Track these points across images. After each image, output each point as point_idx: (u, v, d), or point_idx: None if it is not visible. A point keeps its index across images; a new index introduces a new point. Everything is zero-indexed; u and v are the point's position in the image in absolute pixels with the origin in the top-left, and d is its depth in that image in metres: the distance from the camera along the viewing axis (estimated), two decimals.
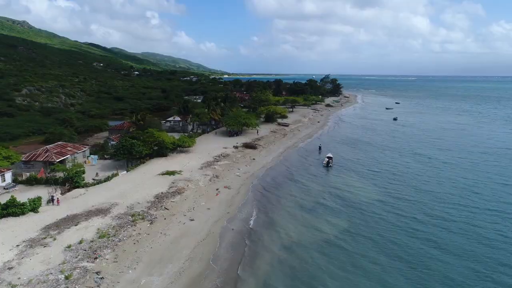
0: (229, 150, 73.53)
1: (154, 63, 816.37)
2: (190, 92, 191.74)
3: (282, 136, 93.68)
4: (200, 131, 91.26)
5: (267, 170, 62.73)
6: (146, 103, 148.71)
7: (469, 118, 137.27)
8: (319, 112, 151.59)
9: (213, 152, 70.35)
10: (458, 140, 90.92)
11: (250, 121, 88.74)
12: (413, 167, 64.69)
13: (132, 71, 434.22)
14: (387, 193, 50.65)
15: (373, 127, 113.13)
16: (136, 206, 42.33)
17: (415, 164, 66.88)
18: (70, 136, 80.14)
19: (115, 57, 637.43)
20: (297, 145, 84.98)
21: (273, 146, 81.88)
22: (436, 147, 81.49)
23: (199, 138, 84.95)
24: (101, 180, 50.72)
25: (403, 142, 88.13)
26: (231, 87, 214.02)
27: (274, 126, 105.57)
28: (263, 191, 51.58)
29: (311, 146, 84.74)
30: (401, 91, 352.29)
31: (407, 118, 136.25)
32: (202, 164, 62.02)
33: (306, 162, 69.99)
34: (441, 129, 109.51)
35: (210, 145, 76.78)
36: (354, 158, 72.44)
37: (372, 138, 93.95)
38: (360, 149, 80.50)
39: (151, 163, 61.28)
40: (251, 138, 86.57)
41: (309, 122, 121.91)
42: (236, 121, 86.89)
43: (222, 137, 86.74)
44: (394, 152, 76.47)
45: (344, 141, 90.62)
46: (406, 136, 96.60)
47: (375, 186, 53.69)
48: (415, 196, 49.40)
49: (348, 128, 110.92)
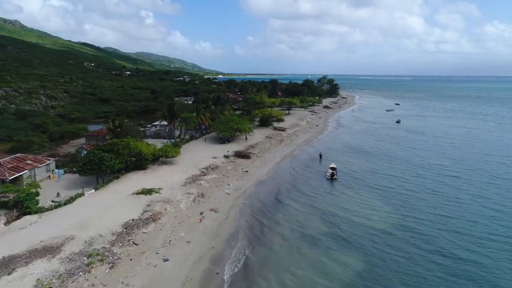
0: (218, 160, 64.99)
1: (149, 63, 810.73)
2: (182, 93, 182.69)
3: (279, 143, 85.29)
4: (188, 137, 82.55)
5: (261, 185, 54.30)
6: (133, 105, 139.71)
7: (476, 121, 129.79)
8: (317, 114, 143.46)
9: (201, 163, 61.77)
10: (470, 147, 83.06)
11: (243, 126, 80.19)
12: (427, 182, 56.36)
13: (124, 71, 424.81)
14: (403, 217, 42.34)
15: (376, 132, 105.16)
16: (97, 240, 33.68)
17: (428, 178, 58.55)
18: (41, 144, 71.19)
19: (108, 57, 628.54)
20: (295, 153, 76.67)
21: (268, 154, 73.45)
22: (448, 157, 73.44)
23: (186, 145, 76.31)
24: (61, 202, 41.97)
25: (410, 150, 79.98)
26: (224, 88, 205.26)
27: (269, 131, 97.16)
28: (257, 214, 43.13)
29: (311, 154, 76.52)
30: (399, 92, 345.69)
31: (410, 121, 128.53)
32: (186, 179, 53.41)
33: (307, 174, 61.70)
34: (449, 134, 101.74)
35: (198, 154, 68.18)
36: (360, 169, 64.22)
37: (376, 145, 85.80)
38: (365, 158, 72.37)
39: (126, 178, 52.55)
40: (244, 145, 78.08)
41: (307, 126, 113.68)
42: (228, 127, 78.35)
43: (212, 144, 78.14)
44: (403, 163, 68.27)
45: (346, 148, 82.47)
46: (413, 142, 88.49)
47: (389, 208, 45.42)
48: (437, 222, 41.20)
49: (349, 133, 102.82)
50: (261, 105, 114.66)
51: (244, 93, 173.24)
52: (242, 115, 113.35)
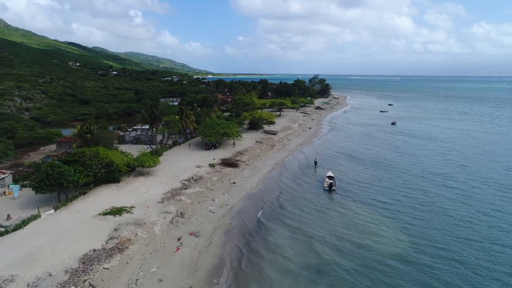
0: (203, 169, 58.32)
1: (137, 63, 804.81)
2: (168, 94, 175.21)
3: (270, 148, 78.96)
4: (170, 143, 75.64)
5: (251, 200, 47.86)
6: (115, 106, 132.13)
7: (473, 123, 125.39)
8: (309, 116, 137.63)
9: (183, 174, 55.04)
10: (472, 153, 77.82)
11: (230, 130, 73.61)
12: (434, 196, 50.39)
13: (111, 71, 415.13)
14: (415, 246, 36.15)
15: (372, 135, 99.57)
16: (44, 282, 26.85)
17: (435, 192, 52.43)
18: (4, 152, 63.56)
19: (96, 57, 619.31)
20: (288, 159, 70.44)
21: (258, 162, 67.04)
22: (451, 164, 67.92)
23: (168, 152, 69.46)
24: (9, 228, 34.91)
25: (410, 156, 74.24)
26: (213, 88, 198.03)
27: (259, 135, 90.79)
28: (245, 239, 36.67)
29: (305, 160, 70.39)
30: (390, 92, 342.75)
31: (406, 123, 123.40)
32: (164, 193, 46.68)
33: (302, 184, 55.54)
34: (447, 137, 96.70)
35: (180, 163, 61.40)
36: (358, 178, 58.26)
37: (373, 150, 79.94)
38: (362, 166, 66.49)
39: (95, 194, 45.55)
40: (232, 151, 71.53)
41: (299, 128, 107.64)
42: (213, 131, 71.70)
43: (197, 151, 71.40)
44: (404, 172, 62.39)
45: (341, 153, 76.55)
46: (412, 148, 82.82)
47: (396, 232, 39.30)
48: (456, 249, 35.32)
49: (343, 137, 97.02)
50: (251, 107, 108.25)
51: (233, 94, 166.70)
52: (231, 117, 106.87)
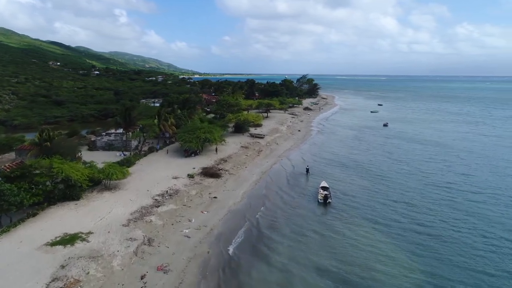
0: (180, 181, 51.33)
1: (123, 62, 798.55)
2: (150, 94, 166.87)
3: (256, 154, 72.35)
4: (146, 149, 68.29)
5: (234, 218, 41.14)
6: (92, 108, 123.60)
7: (467, 124, 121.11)
8: (298, 117, 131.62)
9: (156, 188, 47.96)
10: (472, 158, 72.66)
11: (212, 135, 66.71)
12: (439, 213, 43.62)
13: (93, 70, 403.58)
14: (429, 275, 30.21)
15: (364, 138, 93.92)
16: None
17: (439, 207, 46.06)
18: None
19: (79, 56, 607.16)
20: (276, 167, 63.97)
21: (243, 171, 60.32)
22: (452, 171, 62.18)
23: (143, 160, 62.13)
24: None
25: (407, 163, 68.11)
26: (197, 88, 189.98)
27: (245, 139, 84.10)
28: (225, 276, 29.95)
29: (295, 167, 64.09)
30: (377, 91, 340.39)
31: (398, 125, 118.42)
32: (132, 213, 39.60)
33: (293, 196, 49.18)
34: (444, 140, 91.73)
35: (155, 174, 54.24)
36: (354, 190, 52.20)
37: (368, 156, 73.91)
38: (357, 173, 60.43)
39: (47, 215, 38.09)
40: (215, 159, 64.66)
41: (288, 131, 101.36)
42: (194, 136, 64.69)
43: (175, 158, 64.24)
44: (403, 182, 56.31)
45: (334, 159, 70.52)
46: (407, 153, 76.95)
47: (406, 257, 33.16)
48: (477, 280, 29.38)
49: (335, 140, 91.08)
50: (236, 108, 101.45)
51: (219, 94, 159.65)
52: (215, 119, 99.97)
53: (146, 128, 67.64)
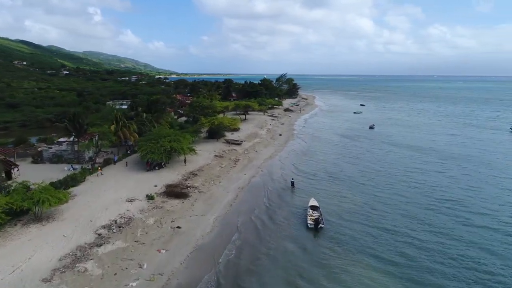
0: (136, 205, 41.31)
1: (97, 62, 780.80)
2: (119, 95, 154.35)
3: (232, 164, 62.93)
4: (101, 162, 57.60)
5: (201, 261, 31.57)
6: (49, 111, 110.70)
7: (456, 126, 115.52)
8: (278, 119, 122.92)
9: (103, 216, 37.80)
10: (471, 166, 65.59)
11: (180, 144, 56.76)
12: (450, 241, 35.72)
13: (62, 70, 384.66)
14: None
15: (351, 143, 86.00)
16: None
17: (449, 231, 37.97)
18: None
19: (49, 56, 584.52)
20: (256, 180, 54.80)
21: (217, 187, 50.78)
22: (454, 183, 54.20)
23: (95, 176, 51.50)
24: None
25: (402, 174, 59.55)
26: (170, 89, 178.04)
27: (220, 146, 74.49)
28: None
29: (278, 179, 55.30)
30: (357, 91, 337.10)
31: (385, 127, 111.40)
32: (61, 258, 29.43)
33: (276, 220, 40.27)
34: (436, 146, 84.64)
35: (105, 195, 43.93)
36: (348, 208, 43.73)
37: (357, 165, 65.25)
38: (348, 188, 51.98)
39: None
40: (183, 172, 54.79)
41: (268, 135, 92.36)
42: (157, 146, 54.57)
43: (135, 173, 53.90)
44: (401, 199, 47.94)
45: (321, 169, 61.98)
46: (400, 161, 68.62)
47: None
48: None
49: (320, 146, 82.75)
50: (211, 111, 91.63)
51: (194, 95, 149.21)
52: (187, 123, 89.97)
53: (102, 136, 56.94)
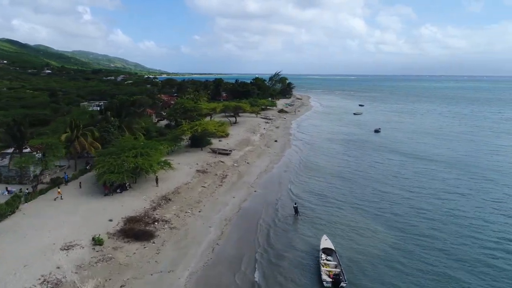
0: (74, 257, 28.47)
1: (85, 62, 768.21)
2: (96, 96, 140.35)
3: (219, 182, 50.30)
4: (49, 181, 44.49)
5: None
6: (10, 114, 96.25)
7: (472, 132, 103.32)
8: (272, 122, 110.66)
9: (13, 282, 25.02)
10: (498, 174, 54.58)
11: (149, 160, 43.81)
12: None
13: (45, 69, 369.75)
14: None
15: (358, 153, 73.46)
16: None
17: None
18: None
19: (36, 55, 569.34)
20: (247, 206, 42.36)
21: (195, 219, 38.06)
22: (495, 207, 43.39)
23: (33, 203, 38.48)
24: None
25: (427, 193, 47.83)
26: (153, 89, 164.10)
27: (205, 157, 61.81)
28: None
29: (276, 204, 42.96)
30: (352, 91, 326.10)
31: (390, 132, 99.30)
32: None
33: (278, 275, 27.86)
34: (458, 154, 73.31)
35: (34, 238, 31.00)
36: (370, 250, 31.62)
37: (368, 180, 53.38)
38: (363, 216, 39.88)
39: None
40: (152, 197, 41.99)
41: (261, 142, 79.94)
42: (119, 162, 41.63)
43: (88, 198, 40.93)
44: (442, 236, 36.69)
45: (329, 189, 49.49)
46: (418, 174, 56.43)
47: None
48: None
49: (323, 156, 70.32)
50: (195, 114, 78.80)
51: (181, 95, 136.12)
52: (168, 128, 77.27)
53: (46, 149, 43.79)
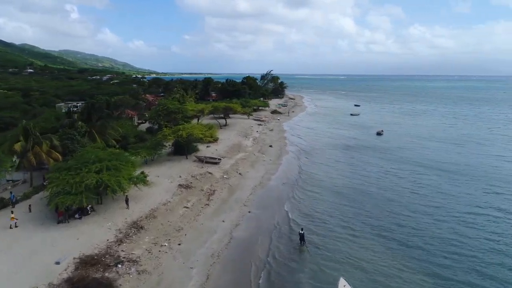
0: None
1: (72, 61, 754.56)
2: (75, 96, 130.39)
3: (205, 201, 41.82)
4: None
5: None
6: None
7: (482, 132, 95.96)
8: (265, 124, 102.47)
9: None
10: None
11: (117, 176, 35.06)
12: None
13: (28, 68, 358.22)
14: None
15: (361, 158, 66.12)
16: None
17: None
18: None
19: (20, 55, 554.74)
20: (240, 235, 34.04)
21: (173, 256, 29.50)
22: None
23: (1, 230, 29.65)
24: None
25: (454, 215, 40.73)
26: (140, 89, 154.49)
27: (190, 166, 53.21)
28: None
29: (276, 230, 34.75)
30: (345, 91, 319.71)
31: (393, 135, 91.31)
32: None
33: None
34: (470, 158, 66.33)
35: None
36: None
37: (378, 197, 45.40)
38: (386, 247, 31.99)
39: None
40: (120, 224, 33.33)
41: (255, 147, 71.63)
42: (77, 180, 32.86)
43: (36, 227, 31.99)
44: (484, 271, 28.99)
45: (336, 209, 41.46)
46: (438, 190, 48.07)
47: None
48: None
49: (323, 165, 61.83)
50: (180, 116, 70.09)
51: (168, 95, 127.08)
52: (149, 133, 68.61)
53: None
